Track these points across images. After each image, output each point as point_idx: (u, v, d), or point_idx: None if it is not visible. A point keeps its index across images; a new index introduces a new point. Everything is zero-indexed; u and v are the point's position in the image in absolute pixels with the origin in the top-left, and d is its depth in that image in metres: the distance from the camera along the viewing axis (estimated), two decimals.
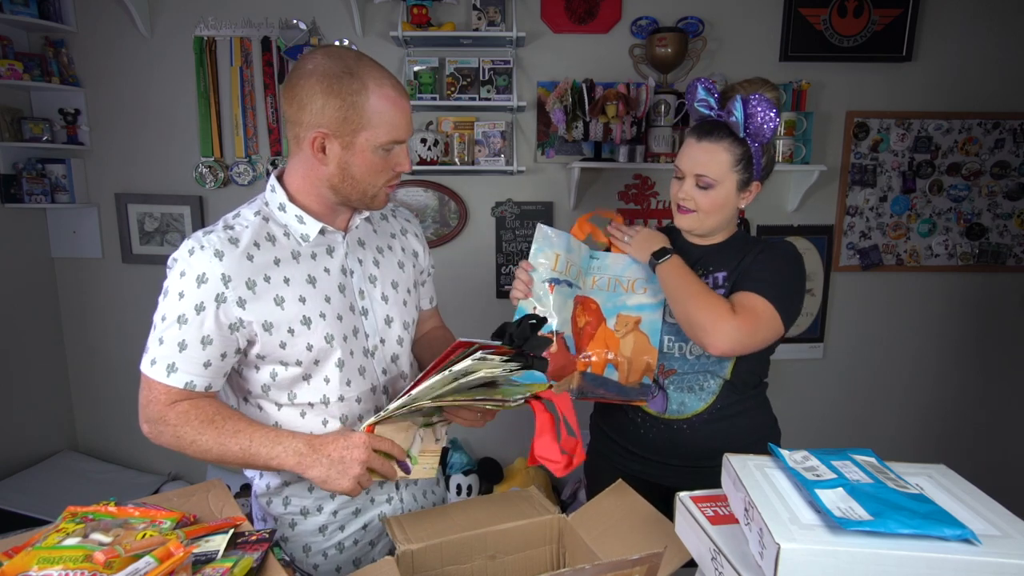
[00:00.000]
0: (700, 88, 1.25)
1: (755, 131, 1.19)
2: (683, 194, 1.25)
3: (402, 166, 1.01)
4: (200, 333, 0.93)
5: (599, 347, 1.27)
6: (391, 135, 0.96)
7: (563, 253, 1.28)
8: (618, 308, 1.30)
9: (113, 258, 2.54)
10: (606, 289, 1.32)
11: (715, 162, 1.21)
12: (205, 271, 0.92)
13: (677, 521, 0.84)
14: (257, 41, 2.37)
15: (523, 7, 2.33)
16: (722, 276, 1.27)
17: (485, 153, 2.34)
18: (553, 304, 1.24)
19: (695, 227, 1.28)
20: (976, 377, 2.64)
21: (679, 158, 1.27)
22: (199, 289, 0.92)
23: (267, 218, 1.01)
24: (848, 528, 0.62)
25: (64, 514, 0.84)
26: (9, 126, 2.29)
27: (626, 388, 1.25)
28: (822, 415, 2.65)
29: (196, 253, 0.93)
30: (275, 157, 2.44)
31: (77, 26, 2.36)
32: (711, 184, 1.22)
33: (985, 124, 2.44)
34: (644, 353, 1.26)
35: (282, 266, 0.98)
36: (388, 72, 0.98)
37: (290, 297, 0.98)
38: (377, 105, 0.93)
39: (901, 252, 2.54)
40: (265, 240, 0.99)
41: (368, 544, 1.14)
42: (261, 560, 0.79)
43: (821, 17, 2.34)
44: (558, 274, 1.27)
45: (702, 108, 1.26)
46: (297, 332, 0.98)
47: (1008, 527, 0.65)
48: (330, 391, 1.03)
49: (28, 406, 2.44)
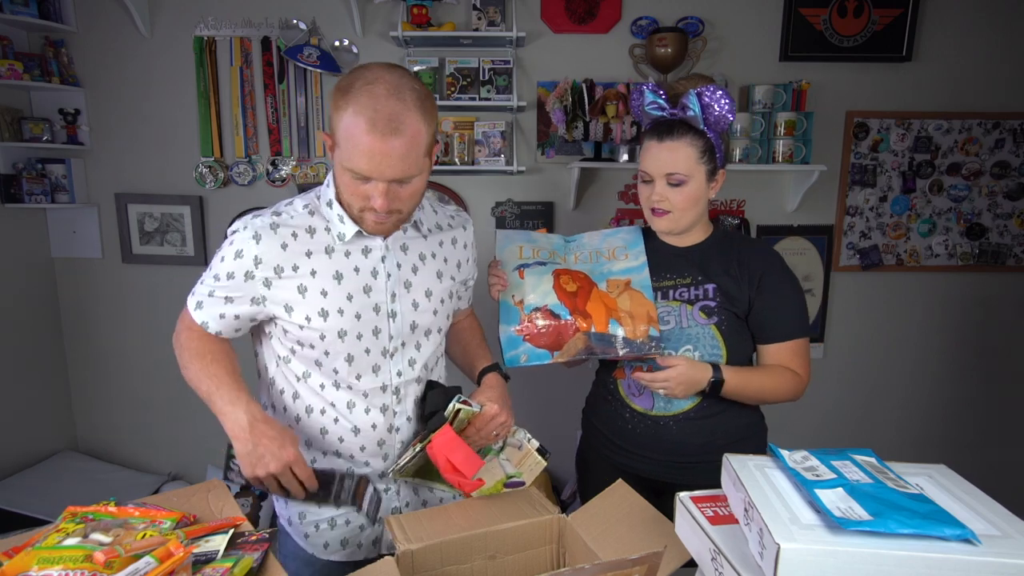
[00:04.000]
0: (648, 92, 1.28)
1: (715, 121, 1.22)
2: (656, 196, 1.26)
3: (374, 201, 0.98)
4: (225, 292, 1.05)
5: (597, 305, 1.28)
6: (350, 163, 0.96)
7: (525, 244, 1.36)
8: (605, 275, 1.32)
9: (113, 258, 2.54)
10: (589, 261, 1.36)
11: (682, 158, 1.23)
12: (243, 248, 1.03)
13: (677, 521, 0.84)
14: (257, 41, 2.37)
15: (523, 7, 2.33)
16: (712, 288, 1.27)
17: (485, 153, 2.34)
18: (527, 285, 1.29)
19: (673, 227, 1.29)
20: (976, 377, 2.64)
21: (643, 162, 1.28)
22: (235, 261, 1.04)
23: (313, 212, 1.08)
24: (848, 528, 0.62)
25: (64, 514, 0.84)
26: (9, 126, 2.29)
27: (636, 343, 1.24)
28: (822, 415, 2.65)
29: (239, 232, 1.04)
30: (275, 157, 2.44)
31: (77, 26, 2.36)
32: (683, 180, 1.24)
33: (985, 124, 2.44)
34: (643, 305, 1.27)
35: (312, 258, 1.05)
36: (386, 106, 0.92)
37: (312, 288, 1.05)
38: (343, 131, 0.95)
39: (901, 252, 2.54)
40: (304, 232, 1.06)
41: (358, 528, 1.17)
42: (261, 560, 0.79)
43: (821, 17, 2.34)
44: (525, 260, 1.33)
45: (654, 111, 1.27)
46: (313, 321, 1.05)
47: (1008, 527, 0.65)
48: (339, 380, 1.10)
49: (28, 406, 2.44)
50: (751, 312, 1.28)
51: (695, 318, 1.27)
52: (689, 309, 1.27)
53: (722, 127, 1.24)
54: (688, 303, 1.28)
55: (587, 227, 2.47)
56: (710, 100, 1.20)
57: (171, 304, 2.56)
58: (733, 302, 1.27)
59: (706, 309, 1.27)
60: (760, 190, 2.47)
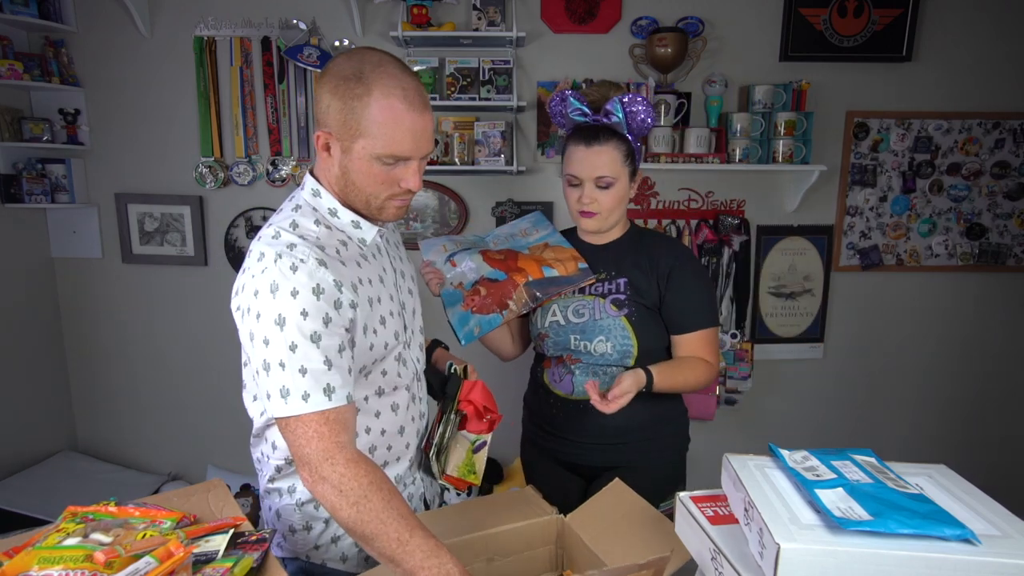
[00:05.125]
0: (571, 98, 1.34)
1: (637, 128, 1.32)
2: (587, 198, 1.33)
3: (407, 182, 0.96)
4: (335, 343, 0.90)
5: (527, 261, 1.41)
6: (389, 148, 0.92)
7: (447, 242, 1.48)
8: (525, 246, 1.47)
9: (113, 258, 2.53)
10: (507, 243, 1.50)
11: (609, 161, 1.31)
12: (320, 282, 0.89)
13: (677, 521, 0.84)
14: (257, 41, 2.37)
15: (523, 7, 2.33)
16: (623, 283, 1.36)
17: (485, 153, 2.34)
18: (460, 269, 1.40)
19: (600, 226, 1.38)
20: (976, 377, 2.63)
21: (570, 166, 1.35)
22: (319, 301, 0.88)
23: (329, 227, 1.00)
24: (848, 528, 0.62)
25: (64, 514, 0.84)
26: (9, 126, 2.29)
27: (570, 277, 1.36)
28: (822, 415, 2.65)
29: (300, 268, 0.88)
30: (275, 157, 2.43)
31: (77, 26, 2.36)
32: (611, 183, 1.32)
33: (985, 124, 2.44)
34: (565, 251, 1.42)
35: (363, 267, 1.00)
36: (409, 82, 0.93)
37: (374, 297, 1.00)
38: (378, 115, 0.90)
39: (901, 252, 2.53)
40: (340, 244, 0.98)
41: None
42: (261, 560, 0.79)
43: (821, 17, 2.34)
44: (450, 252, 1.44)
45: (577, 116, 1.35)
46: (379, 332, 1.01)
47: (1008, 527, 0.65)
48: (384, 385, 1.05)
49: (28, 406, 2.44)
50: (663, 305, 1.36)
51: (607, 311, 1.35)
52: (602, 302, 1.36)
53: (643, 132, 1.34)
54: (601, 296, 1.37)
55: None
56: (633, 108, 1.28)
57: (171, 304, 2.60)
58: (642, 295, 1.35)
59: (616, 302, 1.35)
60: (760, 190, 2.47)
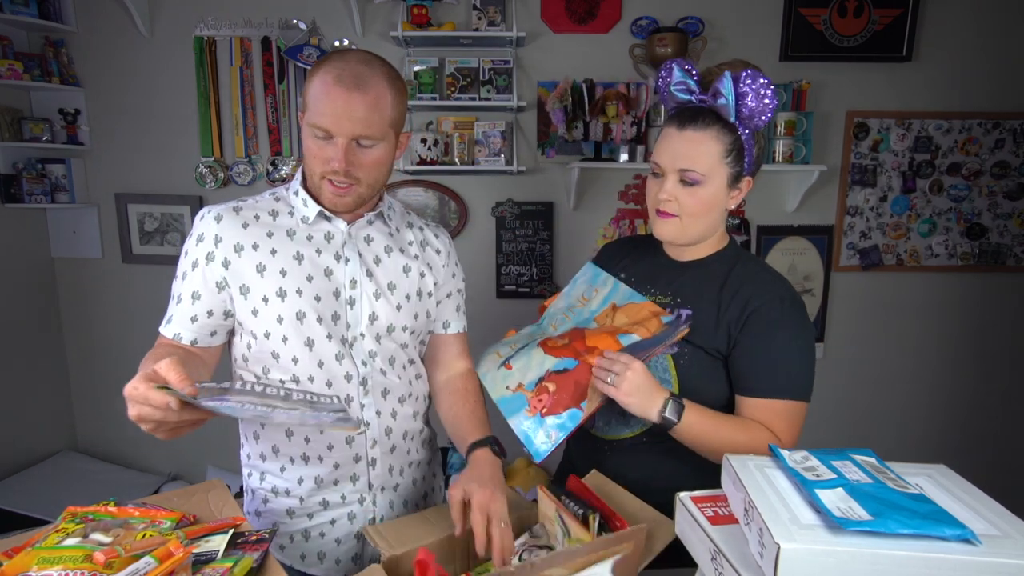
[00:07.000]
0: (677, 69, 1.05)
1: (749, 114, 1.00)
2: (665, 194, 1.05)
3: (333, 162, 0.97)
4: (192, 287, 1.03)
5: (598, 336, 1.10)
6: (313, 118, 0.96)
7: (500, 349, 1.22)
8: (589, 318, 1.17)
9: (113, 258, 2.54)
10: (567, 321, 1.20)
11: (702, 153, 1.02)
12: (204, 232, 1.03)
13: (677, 521, 0.84)
14: (257, 41, 2.37)
15: (523, 7, 2.33)
16: (685, 314, 1.06)
17: (485, 153, 2.34)
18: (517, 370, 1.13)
19: (677, 236, 1.09)
20: (976, 377, 2.63)
21: (657, 152, 1.07)
22: (196, 247, 1.03)
23: (279, 199, 1.10)
24: (848, 528, 0.62)
25: (64, 514, 0.84)
26: (9, 126, 2.29)
27: (656, 336, 1.06)
28: (822, 415, 2.65)
29: (203, 218, 1.04)
30: (275, 157, 2.44)
31: (77, 26, 2.37)
32: (698, 180, 1.03)
33: (985, 124, 2.44)
34: (640, 309, 1.11)
35: (274, 239, 1.05)
36: (354, 65, 0.96)
37: (272, 268, 1.03)
38: (314, 88, 0.96)
39: (901, 252, 2.53)
40: (267, 215, 1.07)
41: (335, 541, 1.13)
42: (261, 560, 0.79)
43: (821, 17, 2.34)
44: (504, 357, 1.18)
45: (680, 93, 1.06)
46: (271, 302, 1.03)
47: (1008, 527, 0.65)
48: (299, 371, 1.05)
49: (28, 406, 2.44)
50: (732, 353, 1.05)
51: None
52: None
53: (758, 124, 1.02)
54: None
55: (587, 227, 2.50)
56: (748, 88, 0.98)
57: None
58: (703, 336, 1.06)
59: None
60: (760, 190, 2.47)
